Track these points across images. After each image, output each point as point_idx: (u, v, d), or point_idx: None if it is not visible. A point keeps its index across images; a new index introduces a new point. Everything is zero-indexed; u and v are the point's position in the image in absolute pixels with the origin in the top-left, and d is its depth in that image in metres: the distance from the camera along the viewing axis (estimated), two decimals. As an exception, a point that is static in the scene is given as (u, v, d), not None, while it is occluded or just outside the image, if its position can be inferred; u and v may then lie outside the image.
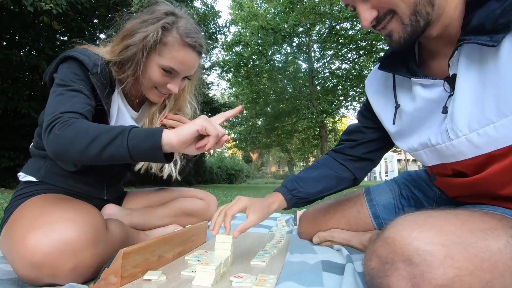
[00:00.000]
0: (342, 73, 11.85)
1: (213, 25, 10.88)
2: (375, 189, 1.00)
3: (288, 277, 0.64)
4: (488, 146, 0.55)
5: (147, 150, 0.63)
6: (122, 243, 0.77)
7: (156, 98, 0.89)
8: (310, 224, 1.06)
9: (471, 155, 0.59)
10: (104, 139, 0.62)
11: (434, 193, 0.88)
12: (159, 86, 0.85)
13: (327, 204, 1.07)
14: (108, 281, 0.58)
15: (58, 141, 0.64)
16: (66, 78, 0.75)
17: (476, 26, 0.51)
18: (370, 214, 0.95)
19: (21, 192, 0.83)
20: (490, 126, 0.53)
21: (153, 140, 0.63)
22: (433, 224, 0.48)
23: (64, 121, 0.65)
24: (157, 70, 0.81)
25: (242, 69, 12.17)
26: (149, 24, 0.79)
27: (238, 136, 16.14)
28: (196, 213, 1.16)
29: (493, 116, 0.52)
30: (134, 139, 0.62)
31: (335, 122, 13.81)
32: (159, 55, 0.80)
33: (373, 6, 0.58)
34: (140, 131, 0.64)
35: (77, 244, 0.61)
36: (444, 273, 0.42)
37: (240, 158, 25.68)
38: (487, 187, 0.61)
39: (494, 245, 0.45)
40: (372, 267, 0.50)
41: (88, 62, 0.77)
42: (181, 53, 0.81)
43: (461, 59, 0.56)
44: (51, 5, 4.25)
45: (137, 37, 0.78)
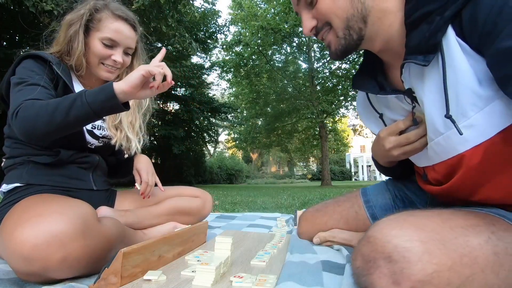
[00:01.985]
0: (342, 73, 11.85)
1: (213, 25, 10.88)
2: (371, 190, 1.00)
3: (288, 277, 0.64)
4: (444, 154, 0.60)
5: (105, 101, 0.73)
6: (118, 238, 0.77)
7: (105, 74, 0.96)
8: (309, 224, 1.06)
9: (436, 160, 0.63)
10: (64, 104, 0.72)
11: (426, 195, 0.88)
12: (104, 60, 0.94)
13: (326, 204, 1.07)
14: (108, 281, 0.58)
15: (24, 119, 0.73)
16: (23, 75, 0.82)
17: (414, 47, 0.56)
18: (368, 215, 0.96)
19: (9, 199, 0.84)
20: (440, 137, 0.58)
21: (107, 91, 0.73)
22: (413, 222, 0.49)
23: (26, 105, 0.74)
24: (98, 44, 0.92)
25: (242, 69, 12.17)
26: (82, 7, 0.93)
27: (238, 136, 16.17)
28: (191, 212, 1.16)
29: (441, 128, 0.57)
30: (91, 96, 0.73)
31: (335, 122, 13.81)
32: (98, 31, 0.92)
33: (313, 16, 0.65)
34: (93, 89, 0.75)
35: (65, 235, 0.61)
36: (422, 268, 0.43)
37: (240, 158, 25.71)
38: (460, 194, 0.63)
39: (474, 240, 0.46)
40: (357, 266, 0.51)
41: (46, 55, 0.87)
42: (114, 24, 0.93)
43: (411, 76, 0.61)
44: (52, 5, 4.25)
45: (73, 16, 0.91)
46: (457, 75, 0.52)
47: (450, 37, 0.52)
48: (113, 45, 0.94)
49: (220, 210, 2.30)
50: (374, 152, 0.82)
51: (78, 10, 0.93)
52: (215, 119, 13.74)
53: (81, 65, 0.93)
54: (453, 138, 0.56)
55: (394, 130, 0.70)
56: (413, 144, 0.67)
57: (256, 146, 16.79)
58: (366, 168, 25.68)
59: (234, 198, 3.67)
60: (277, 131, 14.42)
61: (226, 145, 25.12)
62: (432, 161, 0.65)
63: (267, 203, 2.92)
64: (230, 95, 16.65)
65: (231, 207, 2.56)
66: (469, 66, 0.51)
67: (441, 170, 0.63)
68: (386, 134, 0.72)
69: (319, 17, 0.64)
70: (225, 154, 24.62)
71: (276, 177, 26.06)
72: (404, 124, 0.68)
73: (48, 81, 0.85)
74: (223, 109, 12.24)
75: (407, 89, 0.64)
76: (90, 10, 0.91)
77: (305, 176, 27.71)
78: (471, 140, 0.54)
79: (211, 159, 20.17)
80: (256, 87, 13.11)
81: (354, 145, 29.53)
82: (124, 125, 1.03)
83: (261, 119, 15.00)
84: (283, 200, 3.28)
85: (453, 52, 0.52)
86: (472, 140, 0.54)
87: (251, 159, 29.86)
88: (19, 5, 5.04)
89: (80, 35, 0.90)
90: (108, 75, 0.97)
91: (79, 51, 0.90)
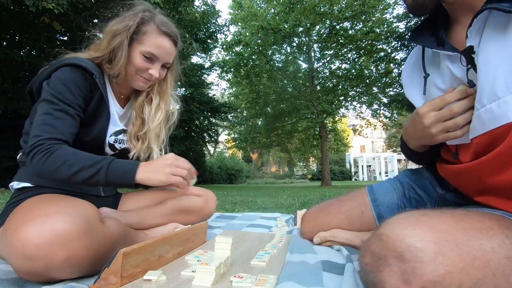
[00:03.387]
0: (342, 73, 11.85)
1: (213, 24, 10.87)
2: (379, 189, 0.97)
3: (288, 277, 0.64)
4: (492, 123, 0.55)
5: (121, 184, 0.79)
6: (120, 239, 0.77)
7: (140, 84, 0.97)
8: (312, 224, 1.05)
9: (480, 131, 0.58)
10: (85, 174, 0.76)
11: (436, 194, 0.87)
12: (141, 72, 0.95)
13: (329, 203, 1.05)
14: (108, 281, 0.58)
15: (42, 169, 0.75)
16: (55, 90, 0.81)
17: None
18: (374, 214, 0.94)
19: (16, 199, 0.84)
20: (494, 103, 0.53)
21: (128, 179, 0.79)
22: (426, 222, 0.48)
23: (45, 149, 0.75)
24: (138, 57, 0.92)
25: (242, 69, 12.16)
26: (130, 17, 0.92)
27: (238, 136, 16.15)
28: (194, 210, 1.16)
29: (500, 92, 0.52)
30: (112, 176, 0.77)
31: (335, 122, 13.79)
32: (140, 43, 0.92)
33: None
34: (117, 167, 0.78)
35: (68, 234, 0.61)
36: (434, 269, 0.43)
37: (240, 158, 25.69)
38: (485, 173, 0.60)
39: (487, 244, 0.46)
40: (365, 263, 0.51)
41: (89, 66, 0.86)
42: (158, 39, 0.93)
43: (486, 28, 0.55)
44: (52, 4, 4.25)
45: (120, 26, 0.90)
46: None
47: None
48: (153, 59, 0.94)
49: (220, 210, 2.29)
50: (407, 132, 0.75)
51: (125, 19, 0.92)
52: (215, 119, 13.73)
53: (120, 74, 0.93)
54: (510, 103, 0.51)
55: (439, 104, 0.63)
56: (456, 119, 0.62)
57: (256, 146, 16.78)
58: (366, 168, 25.67)
59: (234, 198, 3.67)
60: (277, 131, 14.41)
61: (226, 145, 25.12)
62: (473, 133, 0.60)
63: (267, 203, 2.92)
64: (230, 95, 16.64)
65: (231, 207, 2.56)
66: None
67: (482, 142, 0.58)
68: (426, 110, 0.65)
69: None
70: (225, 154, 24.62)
71: (276, 177, 26.04)
72: (450, 98, 0.62)
73: (80, 99, 0.85)
74: (223, 109, 12.23)
75: (468, 47, 0.58)
76: (137, 22, 0.91)
77: (305, 176, 27.70)
78: None
79: (211, 159, 20.15)
80: (256, 87, 13.10)
81: (354, 145, 29.54)
82: (149, 136, 1.04)
83: (261, 119, 14.98)
84: (283, 200, 3.27)
85: None
86: None
87: (251, 159, 29.85)
88: (19, 5, 5.04)
89: (125, 47, 0.90)
90: (142, 85, 0.98)
91: (122, 62, 0.91)
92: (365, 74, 11.33)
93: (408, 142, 0.78)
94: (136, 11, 0.93)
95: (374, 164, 26.49)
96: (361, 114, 12.85)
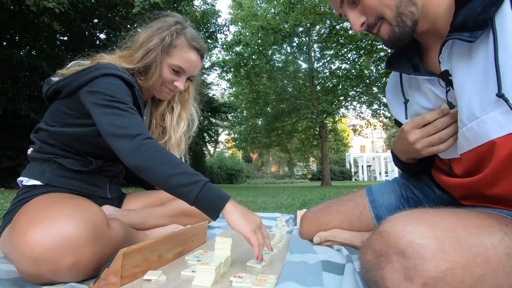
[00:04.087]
0: (342, 73, 11.84)
1: (213, 24, 10.87)
2: (377, 190, 0.99)
3: (288, 277, 0.64)
4: (475, 141, 0.58)
5: (208, 209, 0.71)
6: (124, 241, 0.77)
7: (164, 95, 0.99)
8: (311, 224, 1.05)
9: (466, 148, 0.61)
10: (183, 179, 0.70)
11: (434, 194, 0.87)
12: (167, 84, 0.95)
13: (328, 204, 1.06)
14: (108, 281, 0.58)
15: (146, 157, 0.71)
16: (115, 93, 0.79)
17: (460, 23, 0.54)
18: (373, 215, 0.95)
19: (24, 196, 0.84)
20: (474, 122, 0.56)
21: (218, 203, 0.71)
22: (428, 219, 0.49)
23: (155, 144, 0.73)
24: (167, 69, 0.93)
25: (242, 69, 12.15)
26: (164, 30, 0.92)
27: (238, 136, 16.15)
28: (195, 213, 1.15)
29: (476, 112, 0.55)
30: (205, 193, 0.70)
31: (335, 122, 13.79)
32: (170, 56, 0.92)
33: (362, 13, 0.65)
34: (213, 188, 0.72)
35: (77, 240, 0.61)
36: (436, 266, 0.43)
37: (240, 158, 25.69)
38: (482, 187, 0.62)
39: (488, 241, 0.46)
40: (367, 260, 0.51)
41: (130, 79, 0.85)
42: (188, 54, 0.94)
43: (453, 55, 0.59)
44: (53, 3, 4.24)
45: (155, 41, 0.90)
46: (508, 54, 0.49)
47: (506, 13, 0.50)
48: (180, 72, 0.95)
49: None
50: (396, 147, 0.80)
51: (158, 31, 0.91)
52: (215, 119, 13.73)
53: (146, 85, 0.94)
54: (488, 123, 0.54)
55: (420, 122, 0.67)
56: (439, 133, 0.65)
57: (256, 146, 16.78)
58: (366, 168, 25.67)
59: (234, 198, 3.64)
60: (277, 131, 14.40)
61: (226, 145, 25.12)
62: (461, 149, 0.63)
63: (267, 203, 2.92)
64: (230, 95, 16.64)
65: (231, 207, 2.56)
66: None
67: (471, 158, 0.61)
68: (410, 127, 0.69)
69: (369, 12, 0.64)
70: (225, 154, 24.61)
71: (276, 177, 26.04)
72: (430, 117, 0.65)
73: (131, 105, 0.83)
74: (223, 109, 12.23)
75: (443, 71, 0.61)
76: (171, 36, 0.91)
77: (305, 176, 27.70)
78: (506, 126, 0.52)
79: (211, 159, 20.16)
80: (256, 87, 13.09)
81: (354, 145, 29.53)
82: (170, 145, 1.04)
83: (261, 119, 14.98)
84: (283, 200, 3.27)
85: (508, 30, 0.49)
86: (508, 127, 0.51)
87: (251, 159, 29.85)
88: (19, 5, 5.04)
89: (158, 61, 0.91)
90: (166, 96, 0.99)
91: (156, 77, 0.92)
92: (365, 74, 11.32)
93: (400, 156, 0.81)
94: (169, 23, 0.93)
95: (374, 164, 26.48)
96: (361, 114, 12.86)
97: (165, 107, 1.05)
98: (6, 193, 3.69)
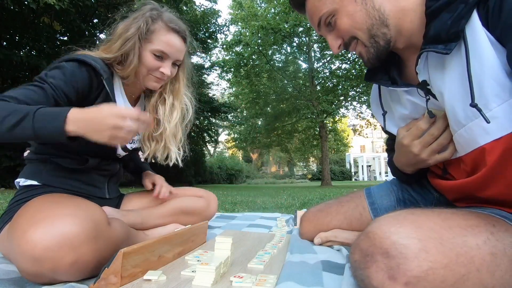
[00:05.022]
0: (342, 73, 11.84)
1: (213, 24, 10.87)
2: (376, 192, 0.99)
3: (288, 277, 0.64)
4: (467, 147, 0.59)
5: (51, 134, 0.66)
6: (124, 241, 0.77)
7: (153, 84, 0.96)
8: (311, 225, 1.05)
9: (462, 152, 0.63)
10: (11, 120, 0.65)
11: (432, 196, 0.88)
12: (152, 71, 0.94)
13: (328, 204, 1.06)
14: (108, 281, 0.58)
15: None
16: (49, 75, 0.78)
17: (433, 36, 0.56)
18: (373, 217, 0.95)
19: (22, 196, 0.84)
20: (462, 129, 0.58)
21: (56, 125, 0.65)
22: (412, 220, 0.50)
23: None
24: (149, 56, 0.92)
25: (242, 69, 12.16)
26: (140, 18, 0.92)
27: (238, 136, 16.16)
28: (196, 212, 1.16)
29: (462, 120, 0.57)
30: (39, 122, 0.65)
31: (335, 122, 13.80)
32: (150, 42, 0.91)
33: (337, 36, 0.69)
34: (46, 112, 0.67)
35: (77, 238, 0.61)
36: (418, 265, 0.44)
37: (240, 158, 25.70)
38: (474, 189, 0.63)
39: (472, 240, 0.47)
40: (355, 260, 0.53)
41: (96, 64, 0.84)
42: (167, 36, 0.92)
43: (429, 66, 0.61)
44: (53, 0, 4.24)
45: (132, 30, 0.90)
46: (482, 64, 0.51)
47: (476, 25, 0.52)
48: (164, 57, 0.93)
49: (220, 210, 2.29)
50: (400, 161, 0.80)
51: (134, 21, 0.91)
52: (215, 119, 13.73)
53: (130, 76, 0.93)
54: (474, 130, 0.55)
55: (416, 133, 0.69)
56: (438, 140, 0.66)
57: (256, 146, 16.79)
58: (366, 168, 25.68)
59: (234, 198, 3.67)
60: (277, 131, 14.41)
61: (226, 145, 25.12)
62: (458, 153, 0.65)
63: (267, 203, 2.92)
64: (230, 95, 16.64)
65: (231, 207, 2.56)
66: (495, 56, 0.50)
67: (468, 161, 0.62)
68: (410, 139, 0.70)
69: (343, 35, 0.68)
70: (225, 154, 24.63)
71: (276, 177, 26.05)
72: (424, 124, 0.67)
73: (72, 90, 0.80)
74: (223, 109, 12.23)
75: (421, 81, 0.63)
76: (147, 22, 0.90)
77: (305, 176, 27.71)
78: (491, 133, 0.53)
79: (211, 159, 20.16)
80: (256, 87, 13.10)
81: (354, 145, 29.54)
82: (166, 136, 1.02)
83: (261, 119, 14.99)
84: (283, 200, 3.27)
85: (478, 41, 0.51)
86: (493, 133, 0.53)
87: (251, 159, 29.85)
88: (19, 5, 5.04)
89: (137, 50, 0.90)
90: (154, 85, 0.97)
91: (134, 65, 0.90)
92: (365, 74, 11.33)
93: (405, 170, 0.81)
94: (144, 11, 0.93)
95: (374, 164, 26.50)
96: (361, 114, 12.86)
97: (157, 98, 1.03)
98: (6, 193, 3.69)
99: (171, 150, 1.03)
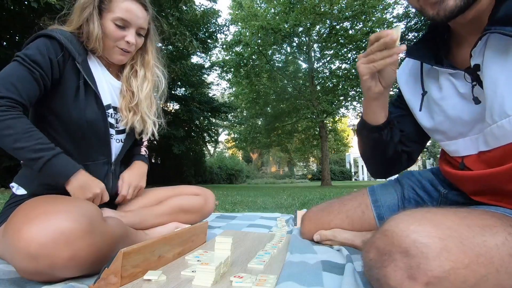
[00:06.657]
0: (342, 73, 11.85)
1: (213, 24, 10.86)
2: (380, 190, 0.98)
3: (288, 277, 0.64)
4: (504, 139, 0.56)
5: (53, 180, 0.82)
6: (121, 237, 0.77)
7: (119, 57, 0.98)
8: (312, 224, 1.05)
9: (493, 145, 0.60)
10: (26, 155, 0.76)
11: (438, 194, 0.87)
12: (118, 42, 0.95)
13: (330, 204, 1.06)
14: (108, 281, 0.58)
15: None
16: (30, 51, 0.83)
17: (502, 17, 0.52)
18: (375, 215, 0.94)
19: (17, 198, 0.85)
20: (505, 120, 0.55)
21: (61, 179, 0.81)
22: (431, 219, 0.49)
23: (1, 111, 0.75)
24: (111, 25, 0.92)
25: (242, 69, 12.17)
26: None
27: (238, 136, 16.16)
28: (193, 210, 1.16)
29: (509, 110, 0.54)
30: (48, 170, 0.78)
31: (335, 122, 13.81)
32: (110, 12, 0.92)
33: None
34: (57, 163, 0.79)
35: (72, 233, 0.61)
36: (440, 265, 0.43)
37: (240, 158, 25.70)
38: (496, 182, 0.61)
39: (491, 241, 0.46)
40: (370, 258, 0.52)
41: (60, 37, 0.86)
42: (125, 3, 0.93)
43: (487, 49, 0.57)
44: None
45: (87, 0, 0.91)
46: None
47: None
48: (125, 25, 0.94)
49: (220, 210, 2.29)
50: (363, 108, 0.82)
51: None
52: (215, 119, 13.73)
53: (97, 48, 0.93)
54: None
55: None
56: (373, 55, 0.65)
57: (256, 146, 16.78)
58: (366, 168, 25.66)
59: (234, 198, 3.67)
60: (277, 131, 14.41)
61: (226, 145, 25.12)
62: (486, 146, 0.62)
63: (267, 203, 2.92)
64: (230, 95, 16.64)
65: (231, 207, 2.56)
66: None
67: (496, 155, 0.60)
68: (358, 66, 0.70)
69: None
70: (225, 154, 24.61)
71: (276, 177, 26.03)
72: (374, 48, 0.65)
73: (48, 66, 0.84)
74: (223, 109, 12.22)
75: (474, 65, 0.60)
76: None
77: (305, 176, 27.70)
78: None
79: (211, 159, 20.15)
80: (256, 87, 13.11)
81: (354, 145, 29.52)
82: (141, 108, 1.04)
83: (261, 119, 14.99)
84: (283, 200, 3.27)
85: None
86: None
87: (251, 159, 29.85)
88: (19, 5, 5.03)
89: (95, 18, 0.90)
90: (121, 58, 0.98)
91: (97, 34, 0.90)
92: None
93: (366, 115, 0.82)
94: None
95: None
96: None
97: (129, 71, 1.05)
98: (6, 193, 3.69)
99: (147, 123, 1.06)
